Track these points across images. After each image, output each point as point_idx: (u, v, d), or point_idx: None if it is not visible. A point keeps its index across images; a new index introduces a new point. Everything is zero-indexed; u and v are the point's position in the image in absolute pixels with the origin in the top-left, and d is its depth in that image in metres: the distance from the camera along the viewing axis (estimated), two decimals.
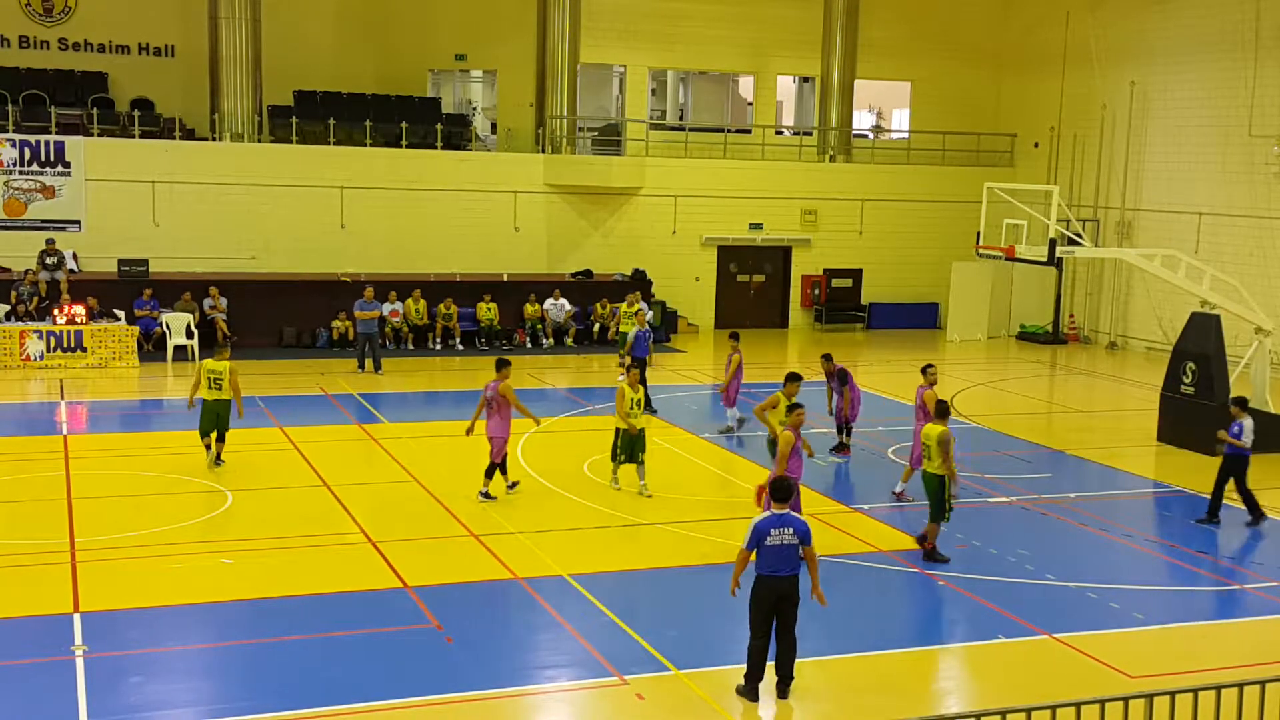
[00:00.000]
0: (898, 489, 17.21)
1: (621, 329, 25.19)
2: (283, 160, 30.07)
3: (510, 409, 16.52)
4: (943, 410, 14.59)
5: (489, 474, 16.49)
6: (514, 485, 16.84)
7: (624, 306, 25.98)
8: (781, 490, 10.87)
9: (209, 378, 17.58)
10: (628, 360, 24.75)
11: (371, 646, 11.54)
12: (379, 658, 11.24)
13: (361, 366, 25.76)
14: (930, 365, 17.41)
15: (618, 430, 17.08)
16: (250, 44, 29.94)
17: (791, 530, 10.66)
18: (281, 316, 28.62)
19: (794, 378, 16.56)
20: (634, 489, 16.90)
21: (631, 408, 16.84)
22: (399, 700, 10.47)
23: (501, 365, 16.78)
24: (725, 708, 10.59)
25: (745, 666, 10.78)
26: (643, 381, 23.60)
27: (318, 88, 31.77)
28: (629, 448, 16.89)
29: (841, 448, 19.68)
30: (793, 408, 14.54)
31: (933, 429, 14.26)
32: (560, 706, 10.73)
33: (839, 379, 19.53)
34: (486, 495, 16.44)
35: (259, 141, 30.46)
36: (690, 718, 10.47)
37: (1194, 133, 30.81)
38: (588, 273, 31.79)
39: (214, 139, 30.05)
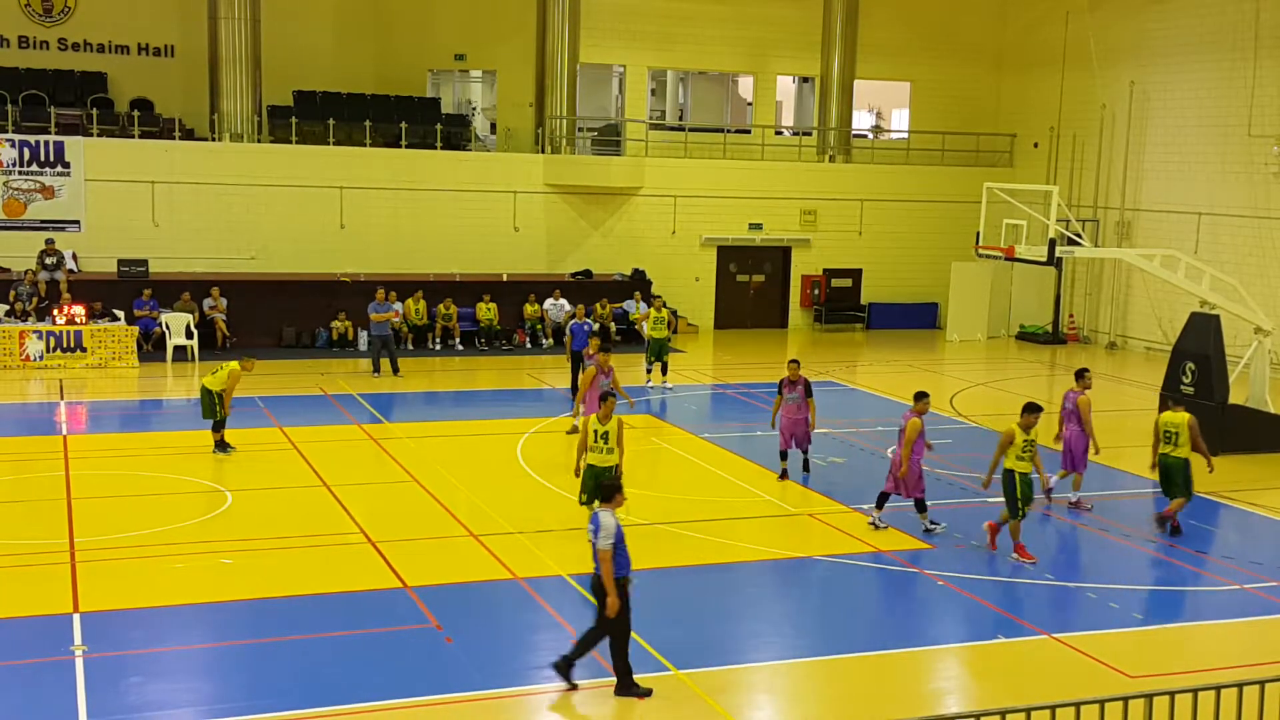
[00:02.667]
0: (1074, 498, 17.06)
1: (650, 334, 24.98)
2: (282, 160, 30.06)
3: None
4: (1177, 400, 16.48)
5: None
6: None
7: (652, 311, 25.47)
8: (602, 490, 10.96)
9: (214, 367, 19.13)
10: (655, 365, 24.74)
11: (371, 646, 11.54)
12: (379, 658, 11.24)
13: (376, 369, 25.49)
14: (1086, 370, 17.59)
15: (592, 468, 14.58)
16: (250, 44, 29.94)
17: (591, 529, 10.75)
18: (281, 316, 28.61)
19: (1033, 408, 14.88)
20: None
21: (595, 441, 14.50)
22: (399, 700, 10.47)
23: (603, 347, 19.19)
24: (725, 708, 10.59)
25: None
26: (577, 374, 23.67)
27: (317, 88, 31.77)
28: (591, 487, 14.35)
29: (786, 475, 17.89)
30: (920, 395, 15.40)
31: (1180, 416, 15.73)
32: (560, 706, 10.73)
33: (805, 389, 17.68)
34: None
35: (259, 141, 30.46)
36: (690, 718, 10.47)
37: (1193, 132, 30.81)
38: (587, 273, 31.80)
39: (214, 139, 30.05)
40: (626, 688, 10.66)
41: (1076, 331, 34.09)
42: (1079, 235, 23.06)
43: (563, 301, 30.22)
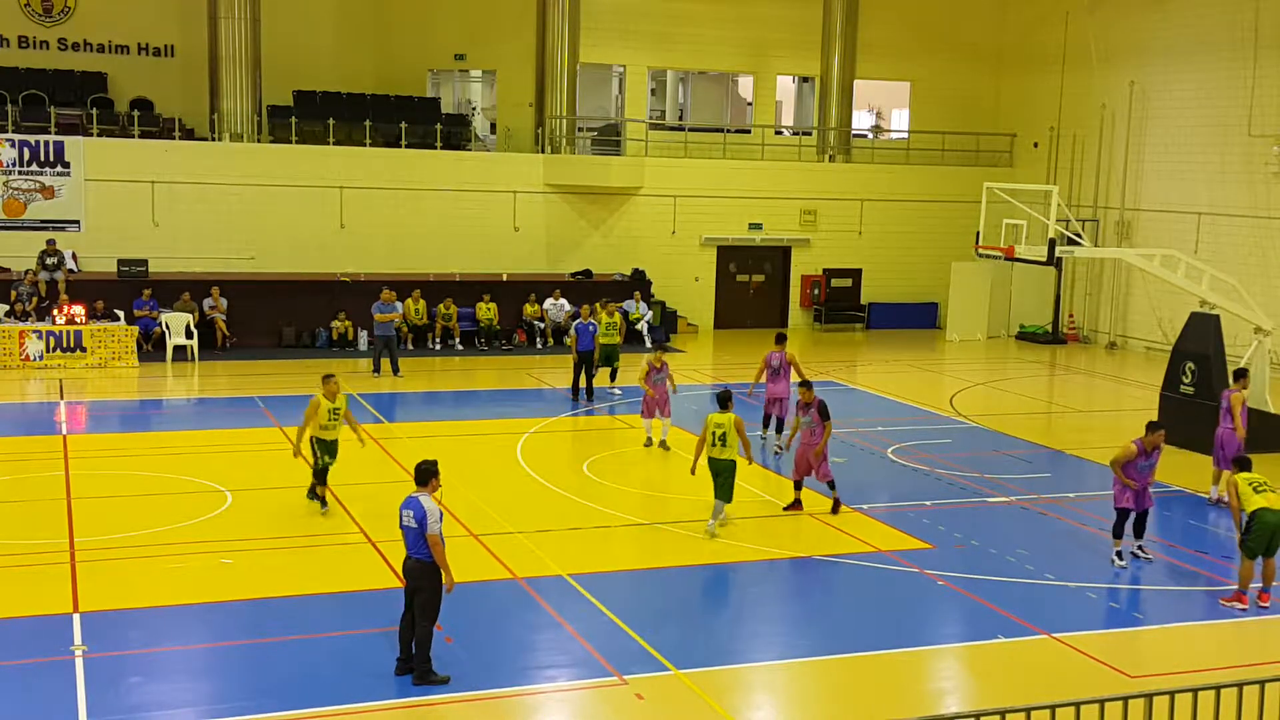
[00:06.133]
0: (1214, 496, 17.04)
1: (600, 339, 23.33)
2: (282, 160, 30.06)
3: (790, 370, 19.73)
4: None
5: (779, 429, 19.69)
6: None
7: (604, 315, 23.96)
8: (416, 473, 11.08)
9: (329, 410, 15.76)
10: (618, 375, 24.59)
11: (372, 646, 11.53)
12: (379, 658, 11.23)
13: (377, 369, 25.46)
14: (1246, 370, 17.85)
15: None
16: (250, 44, 29.93)
17: (411, 514, 10.79)
18: (281, 316, 28.60)
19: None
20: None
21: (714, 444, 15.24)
22: (399, 700, 10.47)
23: (780, 339, 20.30)
24: (725, 708, 10.59)
25: None
26: (591, 374, 23.54)
27: (317, 88, 31.76)
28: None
29: (796, 506, 16.45)
30: (1152, 426, 14.54)
31: None
32: (560, 706, 10.73)
33: (820, 412, 16.19)
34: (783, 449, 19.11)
35: (259, 141, 30.45)
36: (690, 718, 10.47)
37: (1194, 132, 30.81)
38: (587, 273, 31.79)
39: (214, 139, 30.04)
40: (426, 676, 10.75)
41: (1076, 331, 34.09)
42: (1079, 235, 23.06)
43: (563, 301, 30.21)
